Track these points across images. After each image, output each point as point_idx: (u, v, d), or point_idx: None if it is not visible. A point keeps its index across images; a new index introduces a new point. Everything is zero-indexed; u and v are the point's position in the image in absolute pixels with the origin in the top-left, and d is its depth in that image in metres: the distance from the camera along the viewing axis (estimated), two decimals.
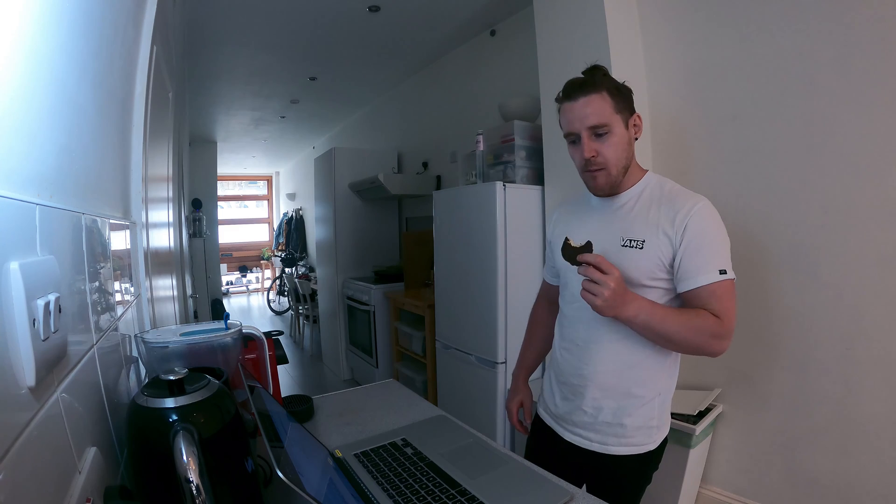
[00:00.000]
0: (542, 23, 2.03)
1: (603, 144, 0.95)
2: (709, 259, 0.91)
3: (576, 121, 0.95)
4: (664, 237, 0.93)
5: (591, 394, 1.01)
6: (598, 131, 0.94)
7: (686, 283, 0.92)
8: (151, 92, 1.17)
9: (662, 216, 0.95)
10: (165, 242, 1.66)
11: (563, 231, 1.11)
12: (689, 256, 0.91)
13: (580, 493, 0.74)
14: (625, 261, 0.95)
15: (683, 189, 0.99)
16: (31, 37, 0.45)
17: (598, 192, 1.01)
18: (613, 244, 0.98)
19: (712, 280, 0.90)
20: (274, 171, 9.47)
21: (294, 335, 5.75)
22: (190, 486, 0.48)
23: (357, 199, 3.97)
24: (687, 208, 0.92)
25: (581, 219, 1.09)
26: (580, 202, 1.14)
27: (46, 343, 0.40)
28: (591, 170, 0.97)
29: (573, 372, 1.04)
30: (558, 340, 1.12)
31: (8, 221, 0.37)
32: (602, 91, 0.95)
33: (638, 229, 0.96)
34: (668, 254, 0.93)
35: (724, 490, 1.81)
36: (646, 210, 0.98)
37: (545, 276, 1.29)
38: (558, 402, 1.09)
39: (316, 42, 3.12)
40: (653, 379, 0.99)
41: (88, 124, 0.66)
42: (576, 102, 0.95)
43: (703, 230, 0.91)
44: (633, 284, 0.94)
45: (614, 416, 1.00)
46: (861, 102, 1.40)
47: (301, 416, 1.03)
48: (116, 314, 0.75)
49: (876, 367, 1.42)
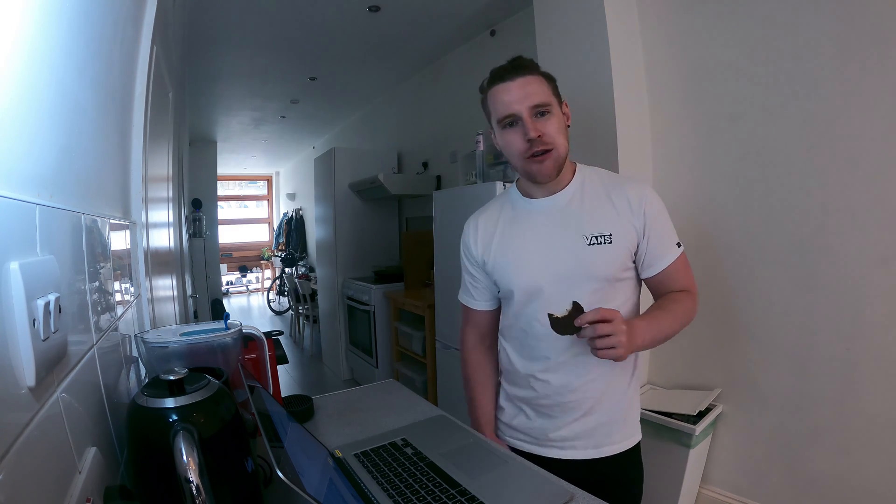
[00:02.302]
0: (542, 23, 2.03)
1: (546, 124, 0.90)
2: (668, 238, 0.94)
3: (515, 101, 0.89)
4: (629, 226, 0.92)
5: (584, 405, 0.96)
6: (541, 110, 0.89)
7: (654, 268, 0.94)
8: (151, 92, 1.17)
9: (619, 205, 0.93)
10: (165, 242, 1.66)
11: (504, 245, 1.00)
12: (653, 241, 0.93)
13: (580, 493, 0.74)
14: (596, 259, 0.92)
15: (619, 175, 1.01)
16: (31, 37, 0.45)
17: (544, 178, 0.93)
18: (578, 244, 0.93)
19: (675, 256, 0.93)
20: (274, 171, 9.47)
21: (294, 335, 5.75)
22: (190, 486, 0.48)
23: (357, 199, 3.97)
24: (639, 193, 0.93)
25: (522, 226, 1.00)
26: (502, 210, 1.05)
27: (46, 343, 0.40)
28: (537, 153, 0.90)
29: (562, 390, 0.96)
30: (527, 364, 1.00)
31: (8, 221, 0.37)
32: (537, 74, 0.93)
33: (601, 224, 0.93)
34: (634, 242, 0.93)
35: (724, 490, 1.81)
36: (599, 202, 0.95)
37: (470, 304, 1.10)
38: (538, 424, 1.00)
39: (316, 42, 3.12)
40: (633, 371, 1.00)
41: (88, 124, 0.66)
42: (513, 82, 0.90)
43: (658, 212, 0.93)
44: (608, 280, 0.93)
45: (608, 416, 0.97)
46: (861, 102, 1.40)
47: (301, 416, 1.03)
48: (116, 314, 0.75)
49: (876, 367, 1.41)
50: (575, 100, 1.91)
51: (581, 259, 0.92)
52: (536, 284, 0.96)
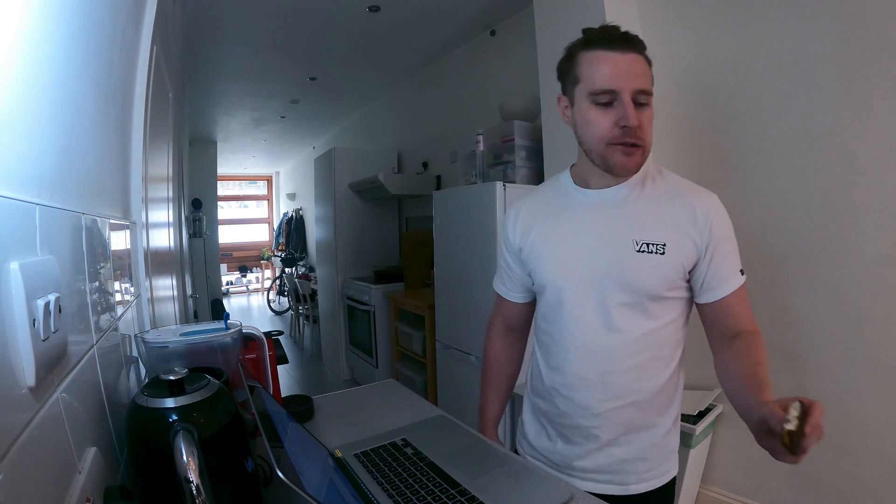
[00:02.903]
0: (542, 23, 2.03)
1: (644, 116, 0.77)
2: (732, 262, 0.81)
3: (621, 77, 0.75)
4: (687, 240, 0.79)
5: (607, 434, 0.85)
6: (642, 99, 0.77)
7: (714, 293, 0.81)
8: (151, 92, 1.17)
9: (681, 214, 0.80)
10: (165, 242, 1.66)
11: (543, 236, 0.90)
12: (717, 264, 0.80)
13: (580, 493, 0.74)
14: (642, 270, 0.79)
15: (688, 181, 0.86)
16: (31, 37, 0.45)
17: (625, 172, 0.82)
18: (625, 249, 0.81)
19: (738, 284, 0.81)
20: (274, 171, 9.47)
21: (294, 335, 5.75)
22: (190, 486, 0.48)
23: (357, 199, 3.97)
24: (707, 207, 0.80)
25: (567, 218, 0.89)
26: (553, 196, 0.93)
27: (46, 343, 0.40)
28: (628, 143, 0.77)
29: (583, 412, 0.86)
30: (551, 376, 0.90)
31: (8, 221, 0.37)
32: (644, 56, 0.79)
33: (655, 230, 0.80)
34: (691, 260, 0.80)
35: (724, 490, 1.81)
36: (657, 205, 0.82)
37: (503, 293, 1.03)
38: (559, 448, 0.90)
39: (316, 42, 3.12)
40: (672, 402, 0.87)
41: (88, 124, 0.66)
42: (623, 56, 0.76)
43: (725, 231, 0.81)
44: (649, 296, 0.81)
45: (637, 451, 0.85)
46: (861, 102, 1.40)
47: (301, 416, 1.03)
48: (116, 314, 0.75)
49: (876, 367, 1.41)
50: None
51: (625, 266, 0.81)
52: (567, 285, 0.86)
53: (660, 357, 0.84)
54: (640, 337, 0.82)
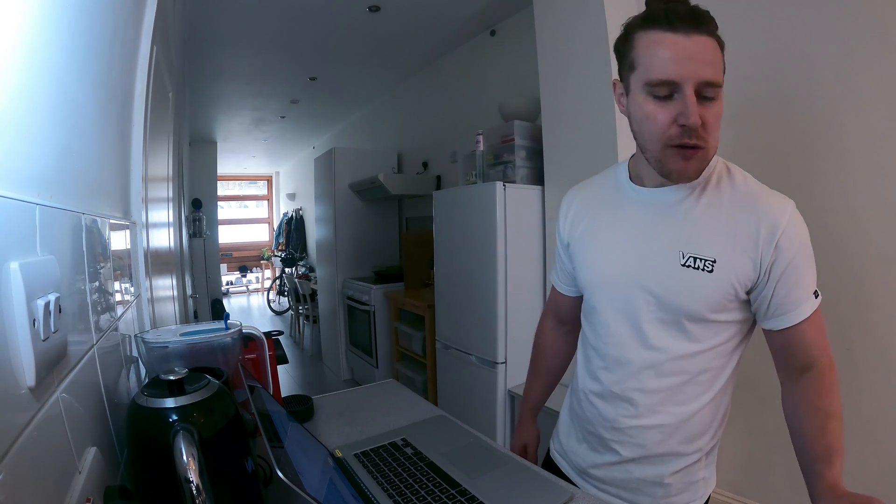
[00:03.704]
0: (542, 23, 2.03)
1: (710, 112, 0.66)
2: (807, 286, 0.70)
3: (683, 65, 0.63)
4: (744, 258, 0.69)
5: (627, 451, 0.80)
6: (708, 93, 0.65)
7: (782, 321, 0.71)
8: (151, 92, 1.17)
9: (742, 226, 0.69)
10: (165, 242, 1.66)
11: (589, 232, 0.85)
12: (786, 289, 0.69)
13: (580, 493, 0.74)
14: (685, 287, 0.71)
15: (764, 186, 0.73)
16: (31, 37, 0.45)
17: (682, 179, 0.71)
18: (669, 261, 0.72)
19: (812, 310, 0.71)
20: (274, 171, 9.47)
21: (294, 335, 5.75)
22: (190, 486, 0.48)
23: (357, 199, 3.97)
24: (775, 219, 0.68)
25: (614, 216, 0.82)
26: (606, 190, 0.85)
27: (46, 343, 0.40)
28: (688, 144, 0.66)
29: (607, 424, 0.82)
30: (586, 379, 0.86)
31: (8, 221, 0.37)
32: (716, 39, 0.66)
33: (705, 241, 0.71)
34: (747, 281, 0.70)
35: (724, 490, 1.81)
36: (716, 213, 0.72)
37: (556, 284, 0.99)
38: (582, 452, 0.88)
39: (316, 42, 3.12)
40: (705, 432, 0.78)
41: (88, 124, 0.66)
42: (688, 39, 0.63)
43: (799, 248, 0.69)
44: (690, 318, 0.72)
45: (656, 474, 0.79)
46: (861, 102, 1.40)
47: (301, 416, 1.03)
48: (116, 314, 0.75)
49: (876, 367, 1.41)
50: (574, 100, 1.92)
51: (666, 281, 0.73)
52: (601, 289, 0.81)
53: (697, 382, 0.75)
54: (673, 359, 0.74)
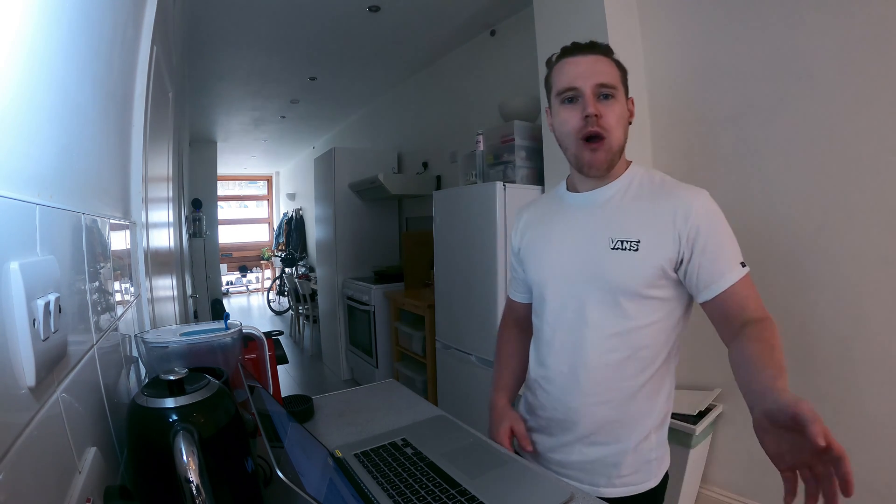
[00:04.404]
0: (542, 23, 2.03)
1: (608, 108, 0.82)
2: (730, 255, 0.79)
3: (580, 76, 0.83)
4: (666, 237, 0.80)
5: (579, 430, 0.87)
6: (605, 91, 0.83)
7: (710, 290, 0.79)
8: (151, 92, 1.17)
9: (661, 212, 0.82)
10: (165, 242, 1.66)
11: (536, 237, 0.98)
12: (709, 260, 0.79)
13: (580, 493, 0.74)
14: (617, 266, 0.82)
15: (678, 181, 0.87)
16: (31, 37, 0.45)
17: (594, 170, 0.85)
18: (601, 247, 0.85)
19: (738, 276, 0.78)
20: (274, 171, 9.47)
21: (294, 335, 5.75)
22: (190, 486, 0.48)
23: (357, 199, 3.97)
24: (692, 204, 0.80)
25: (556, 221, 0.95)
26: (550, 202, 1.00)
27: (46, 343, 0.40)
28: (591, 135, 0.82)
29: (557, 405, 0.89)
30: (536, 368, 0.96)
31: (8, 221, 0.37)
32: (610, 57, 0.87)
33: (630, 227, 0.83)
34: (672, 257, 0.81)
35: (724, 490, 1.81)
36: (638, 204, 0.85)
37: (512, 295, 1.10)
38: (540, 439, 0.95)
39: (316, 42, 3.12)
40: (652, 408, 0.85)
41: (88, 124, 0.66)
42: (584, 58, 0.84)
43: (716, 227, 0.80)
44: (626, 294, 0.82)
45: (609, 454, 0.86)
46: (861, 102, 1.40)
47: (301, 416, 1.03)
48: (116, 314, 0.75)
49: (876, 367, 1.41)
50: None
51: (599, 263, 0.84)
52: (545, 280, 0.92)
53: (638, 358, 0.83)
54: (613, 335, 0.84)
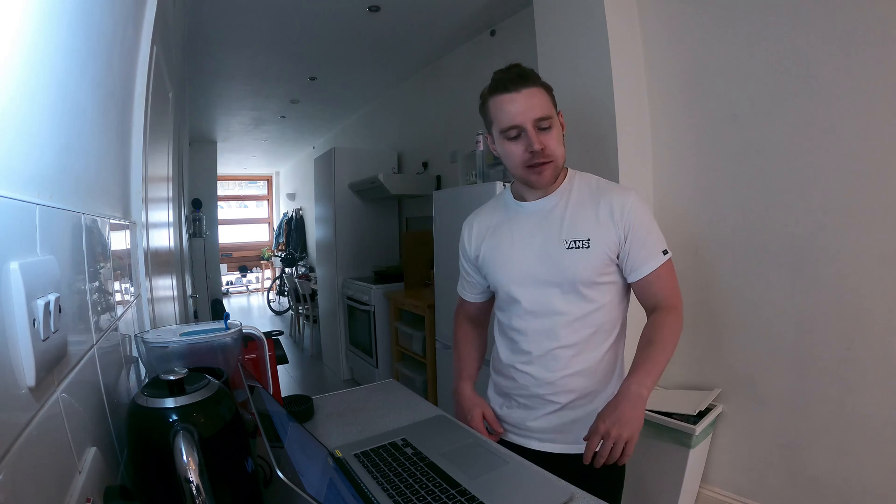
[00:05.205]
0: (542, 23, 2.03)
1: (548, 137, 0.94)
2: (654, 245, 0.97)
3: (519, 114, 0.93)
4: (609, 232, 0.96)
5: (563, 398, 1.01)
6: (543, 124, 0.93)
7: (637, 273, 0.97)
8: (151, 92, 1.17)
9: (602, 212, 0.98)
10: (165, 242, 1.66)
11: (494, 245, 1.07)
12: (637, 248, 0.96)
13: (580, 493, 0.74)
14: (573, 263, 0.97)
15: (610, 182, 1.04)
16: (31, 37, 0.45)
17: (542, 186, 1.00)
18: (558, 248, 0.99)
19: (659, 263, 0.97)
20: (274, 171, 9.47)
21: (294, 335, 5.75)
22: (190, 486, 0.48)
23: (357, 199, 3.97)
24: (624, 202, 0.97)
25: (513, 229, 1.06)
26: (498, 211, 1.11)
27: (46, 343, 0.40)
28: (538, 163, 0.95)
29: (541, 382, 1.02)
30: (509, 357, 1.08)
31: (8, 221, 0.37)
32: (539, 86, 0.96)
33: (580, 229, 0.98)
34: (615, 248, 0.97)
35: (724, 490, 1.81)
36: (582, 208, 1.00)
37: (464, 296, 1.22)
38: (517, 415, 1.07)
39: (316, 42, 3.12)
40: (613, 371, 1.03)
41: (88, 124, 0.66)
42: (518, 94, 0.93)
43: (641, 219, 0.97)
44: (584, 283, 0.97)
45: (584, 413, 0.99)
46: (861, 102, 1.40)
47: (301, 416, 1.03)
48: (116, 314, 0.75)
49: (876, 367, 1.41)
50: (575, 100, 1.91)
51: (559, 262, 0.98)
52: (516, 283, 1.03)
53: (601, 331, 1.01)
54: (581, 318, 0.99)
